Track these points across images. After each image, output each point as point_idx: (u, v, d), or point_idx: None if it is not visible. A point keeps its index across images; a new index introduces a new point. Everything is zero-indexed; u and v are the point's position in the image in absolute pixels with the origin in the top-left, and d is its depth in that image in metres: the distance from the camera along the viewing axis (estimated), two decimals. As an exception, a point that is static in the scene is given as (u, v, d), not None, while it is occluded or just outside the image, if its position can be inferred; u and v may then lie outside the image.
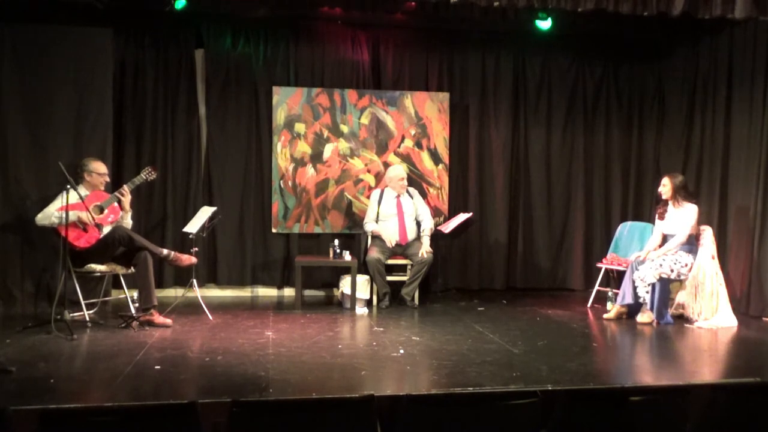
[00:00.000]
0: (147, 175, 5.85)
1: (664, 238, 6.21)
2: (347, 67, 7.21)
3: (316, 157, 7.11)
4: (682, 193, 6.08)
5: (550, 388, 3.89)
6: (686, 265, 5.98)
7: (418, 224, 6.79)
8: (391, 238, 6.60)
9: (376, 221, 6.70)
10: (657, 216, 6.28)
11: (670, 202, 6.13)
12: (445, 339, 5.23)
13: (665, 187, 6.13)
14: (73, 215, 5.35)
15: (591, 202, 7.71)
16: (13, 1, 5.94)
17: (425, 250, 6.51)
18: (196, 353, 4.71)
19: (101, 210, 5.59)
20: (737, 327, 5.85)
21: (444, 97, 7.31)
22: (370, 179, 7.18)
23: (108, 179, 5.83)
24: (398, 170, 6.79)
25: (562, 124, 7.64)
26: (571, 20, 6.62)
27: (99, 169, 5.73)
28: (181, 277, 6.63)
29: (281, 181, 7.05)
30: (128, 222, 5.80)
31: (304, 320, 5.90)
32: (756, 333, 5.74)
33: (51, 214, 5.41)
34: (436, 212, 7.19)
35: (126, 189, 5.68)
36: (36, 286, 6.01)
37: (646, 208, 7.56)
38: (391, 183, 6.74)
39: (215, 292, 7.01)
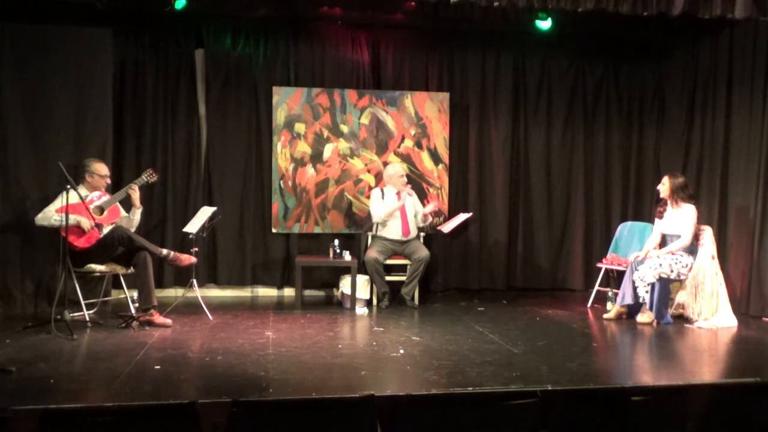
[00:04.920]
0: (148, 177, 5.85)
1: (663, 238, 6.22)
2: (347, 67, 7.21)
3: (316, 157, 7.11)
4: (681, 194, 6.07)
5: (550, 388, 3.89)
6: (686, 265, 5.98)
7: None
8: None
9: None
10: (656, 215, 6.28)
11: (668, 202, 6.13)
12: (445, 339, 5.23)
13: (663, 186, 6.13)
14: (73, 220, 5.34)
15: (591, 202, 7.72)
16: (13, 1, 5.94)
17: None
18: (196, 353, 4.71)
19: (101, 211, 5.59)
20: (737, 327, 5.86)
21: (444, 97, 7.31)
22: (370, 179, 7.18)
23: (109, 181, 5.82)
24: (397, 168, 6.82)
25: (562, 124, 7.64)
26: (571, 20, 6.62)
27: (101, 170, 5.73)
28: (181, 277, 6.63)
29: (281, 181, 7.05)
30: (137, 218, 5.82)
31: (304, 320, 5.90)
32: (756, 333, 5.74)
33: (51, 215, 5.41)
34: (436, 212, 7.18)
35: (135, 186, 5.71)
36: (36, 286, 6.01)
37: (646, 208, 7.56)
38: (391, 180, 6.75)
39: (215, 292, 7.02)
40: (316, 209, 7.12)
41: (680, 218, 6.05)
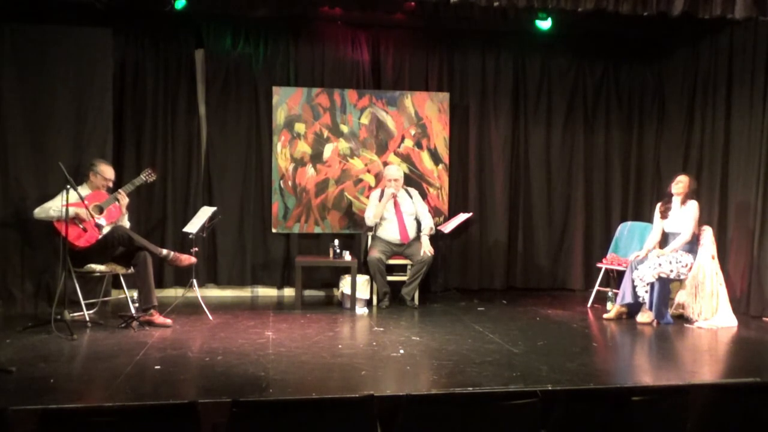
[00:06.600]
0: (147, 176, 5.85)
1: (665, 236, 6.22)
2: (347, 67, 7.20)
3: (316, 157, 7.11)
4: (693, 193, 6.12)
5: (550, 388, 3.89)
6: (686, 265, 5.98)
7: (419, 224, 6.79)
8: (391, 235, 6.61)
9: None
10: (659, 214, 6.28)
11: (677, 200, 6.12)
12: (445, 339, 5.23)
13: (680, 184, 6.11)
14: (72, 212, 5.33)
15: (591, 202, 7.71)
16: (13, 1, 5.94)
17: (425, 249, 6.51)
18: (196, 353, 4.71)
19: (101, 210, 5.59)
20: (737, 327, 5.86)
21: (444, 97, 7.31)
22: (370, 179, 7.19)
23: (111, 185, 5.79)
24: (392, 170, 6.71)
25: (562, 124, 7.64)
26: (571, 20, 6.62)
27: (106, 173, 5.70)
28: (181, 277, 6.63)
29: (281, 181, 7.05)
30: (125, 224, 5.80)
31: (304, 320, 5.90)
32: (756, 333, 5.74)
33: (49, 208, 5.41)
34: (436, 212, 7.19)
35: (123, 192, 5.68)
36: (36, 286, 6.00)
37: (646, 208, 7.56)
38: (383, 180, 6.75)
39: (215, 292, 7.02)
40: (316, 209, 7.12)
41: (684, 215, 6.05)
